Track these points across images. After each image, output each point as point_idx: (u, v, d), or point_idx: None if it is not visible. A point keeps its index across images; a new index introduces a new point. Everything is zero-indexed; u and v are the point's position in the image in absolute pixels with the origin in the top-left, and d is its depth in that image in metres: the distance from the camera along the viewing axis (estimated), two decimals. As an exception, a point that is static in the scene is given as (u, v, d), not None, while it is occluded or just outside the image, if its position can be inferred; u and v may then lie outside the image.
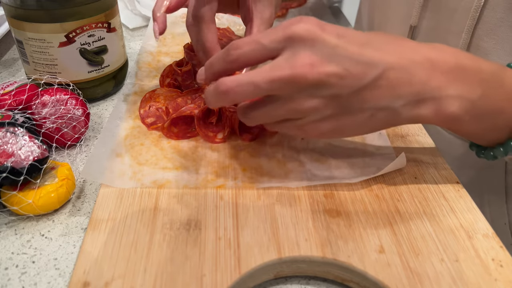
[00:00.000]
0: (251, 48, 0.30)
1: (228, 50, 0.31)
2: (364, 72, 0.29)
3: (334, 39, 0.29)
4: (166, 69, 0.47)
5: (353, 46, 0.29)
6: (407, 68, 0.30)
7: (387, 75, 0.30)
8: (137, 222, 0.33)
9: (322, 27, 0.30)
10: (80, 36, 0.45)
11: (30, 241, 0.33)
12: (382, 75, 0.29)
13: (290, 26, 0.30)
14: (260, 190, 0.36)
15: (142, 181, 0.36)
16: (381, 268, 0.30)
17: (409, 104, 0.31)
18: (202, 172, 0.38)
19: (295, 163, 0.39)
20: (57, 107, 0.40)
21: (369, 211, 0.35)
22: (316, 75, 0.29)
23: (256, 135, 0.42)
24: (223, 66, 0.32)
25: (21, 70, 0.57)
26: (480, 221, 0.34)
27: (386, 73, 0.30)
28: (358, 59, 0.29)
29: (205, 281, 0.29)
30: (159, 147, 0.41)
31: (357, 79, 0.29)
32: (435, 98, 0.31)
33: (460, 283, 0.29)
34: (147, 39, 0.60)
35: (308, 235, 0.32)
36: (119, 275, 0.29)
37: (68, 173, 0.36)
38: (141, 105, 0.45)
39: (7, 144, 0.34)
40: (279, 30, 0.30)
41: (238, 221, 0.33)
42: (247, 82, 0.30)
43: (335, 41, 0.29)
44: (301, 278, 0.32)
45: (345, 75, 0.29)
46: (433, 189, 0.37)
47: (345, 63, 0.29)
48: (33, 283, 0.30)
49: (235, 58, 0.31)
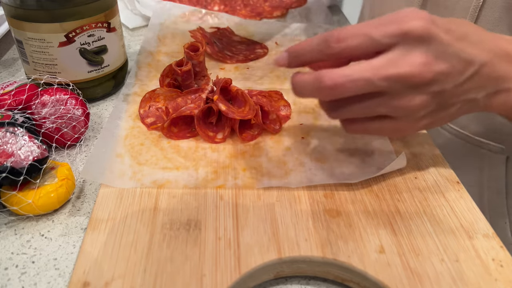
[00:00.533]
0: (358, 42, 0.29)
1: (327, 42, 0.30)
2: (465, 68, 0.30)
3: (445, 35, 0.29)
4: (166, 69, 0.47)
5: (458, 42, 0.30)
6: (493, 62, 0.31)
7: (480, 71, 0.31)
8: (137, 222, 0.33)
9: (435, 23, 0.29)
10: (80, 36, 0.45)
11: (30, 241, 0.33)
12: (477, 71, 0.31)
13: (405, 21, 0.29)
14: (260, 190, 0.36)
15: (142, 181, 0.36)
16: (381, 268, 0.30)
17: (488, 94, 0.32)
18: (202, 172, 0.38)
19: (295, 162, 0.39)
20: (57, 107, 0.40)
21: (369, 211, 0.35)
22: (431, 74, 0.29)
23: (256, 135, 0.42)
24: (318, 57, 0.31)
25: (20, 70, 0.57)
26: (480, 221, 0.34)
27: (480, 69, 0.31)
28: (461, 56, 0.30)
29: (205, 281, 0.29)
30: (159, 147, 0.40)
31: (459, 75, 0.30)
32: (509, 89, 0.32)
33: (460, 283, 0.29)
34: (147, 39, 0.60)
35: (308, 235, 0.32)
36: (119, 275, 0.29)
37: (68, 173, 0.36)
38: (141, 105, 0.45)
39: (6, 144, 0.34)
40: (391, 24, 0.29)
41: (238, 221, 0.33)
42: (359, 77, 0.29)
43: (446, 38, 0.29)
44: (301, 278, 0.32)
45: (451, 72, 0.30)
46: (433, 189, 0.37)
47: (452, 60, 0.29)
48: (33, 283, 0.30)
49: (338, 51, 0.30)
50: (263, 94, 0.47)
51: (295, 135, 0.43)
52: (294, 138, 0.42)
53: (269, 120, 0.43)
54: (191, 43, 0.46)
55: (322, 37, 0.30)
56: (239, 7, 0.75)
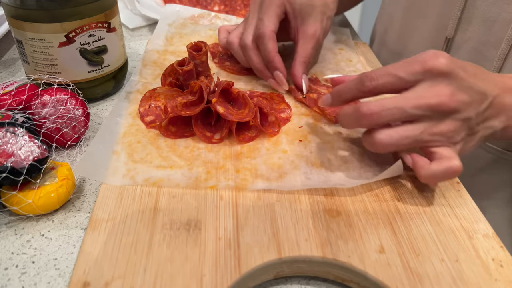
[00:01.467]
0: (387, 80, 0.35)
1: (362, 81, 0.36)
2: (481, 99, 0.35)
3: (462, 72, 0.34)
4: (168, 68, 0.47)
5: (472, 78, 0.35)
6: (502, 96, 0.36)
7: (493, 102, 0.36)
8: (137, 222, 0.33)
9: (454, 62, 0.34)
10: (80, 36, 0.45)
11: (30, 241, 0.33)
12: (492, 102, 0.36)
13: (429, 60, 0.34)
14: (260, 190, 0.36)
15: (135, 178, 0.36)
16: (381, 268, 0.30)
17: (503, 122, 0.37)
18: (194, 172, 0.38)
19: (290, 166, 0.39)
20: (57, 107, 0.40)
21: (369, 211, 0.35)
22: (455, 103, 0.34)
23: (254, 137, 0.42)
24: (355, 95, 0.37)
25: (21, 70, 0.57)
26: (480, 221, 0.34)
27: (494, 100, 0.36)
28: (476, 89, 0.35)
29: (205, 281, 0.29)
30: (155, 146, 0.40)
31: (478, 105, 0.35)
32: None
33: (460, 283, 0.29)
34: (154, 38, 0.60)
35: (308, 235, 0.32)
36: (119, 275, 0.29)
37: (68, 173, 0.36)
38: (141, 103, 0.45)
39: (7, 144, 0.34)
40: (415, 64, 0.35)
41: (238, 221, 0.33)
42: (393, 106, 0.34)
43: (462, 74, 0.34)
44: (301, 278, 0.32)
45: (470, 102, 0.34)
46: (433, 189, 0.37)
47: (470, 92, 0.34)
48: (33, 283, 0.30)
49: (371, 89, 0.36)
50: (265, 96, 0.47)
51: (293, 137, 0.43)
52: (292, 141, 0.42)
53: (268, 122, 0.43)
54: (194, 42, 0.46)
55: (358, 78, 0.36)
56: (239, 7, 0.75)
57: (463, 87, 0.34)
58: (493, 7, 0.49)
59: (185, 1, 0.74)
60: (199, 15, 0.68)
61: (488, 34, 0.51)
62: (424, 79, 0.34)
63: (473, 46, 0.52)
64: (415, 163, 0.36)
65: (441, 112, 0.34)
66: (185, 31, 0.63)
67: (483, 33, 0.51)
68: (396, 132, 0.35)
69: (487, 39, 0.51)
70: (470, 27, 0.52)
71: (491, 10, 0.50)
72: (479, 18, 0.51)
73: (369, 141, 0.36)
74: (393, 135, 0.35)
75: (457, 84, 0.34)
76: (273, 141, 0.42)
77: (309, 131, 0.44)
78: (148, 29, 0.71)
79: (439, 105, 0.34)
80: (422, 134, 0.34)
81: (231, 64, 0.56)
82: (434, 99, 0.34)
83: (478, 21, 0.51)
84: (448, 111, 0.34)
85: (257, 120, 0.41)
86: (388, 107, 0.34)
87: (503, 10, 0.48)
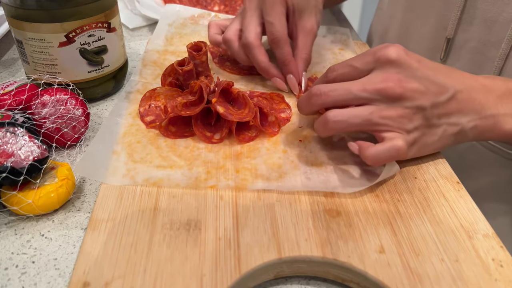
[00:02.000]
0: (345, 71, 0.38)
1: (326, 73, 0.40)
2: (440, 91, 0.36)
3: (415, 63, 0.36)
4: (168, 68, 0.47)
5: (428, 70, 0.36)
6: (470, 92, 0.37)
7: (456, 97, 0.36)
8: (137, 222, 0.33)
9: (408, 54, 0.36)
10: (80, 36, 0.45)
11: (30, 241, 0.33)
12: (453, 97, 0.36)
13: (380, 50, 0.36)
14: (260, 190, 0.36)
15: (135, 178, 0.36)
16: (381, 268, 0.30)
17: (472, 121, 0.37)
18: (194, 172, 0.38)
19: (290, 166, 0.39)
20: (57, 107, 0.40)
21: (369, 211, 0.35)
22: (402, 89, 0.35)
23: (254, 137, 0.42)
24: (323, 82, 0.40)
25: (21, 70, 0.57)
26: (480, 221, 0.34)
27: (456, 95, 0.36)
28: (434, 81, 0.36)
29: (205, 281, 0.29)
30: (155, 146, 0.40)
31: (434, 96, 0.35)
32: (493, 116, 0.37)
33: (460, 283, 0.29)
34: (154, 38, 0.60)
35: (308, 235, 0.32)
36: (119, 275, 0.29)
37: (68, 173, 0.36)
38: (141, 103, 0.45)
39: (7, 144, 0.34)
40: (368, 54, 0.37)
41: (238, 221, 0.33)
42: (341, 88, 0.37)
43: (416, 65, 0.36)
44: (301, 278, 0.32)
45: (425, 91, 0.35)
46: (433, 189, 0.37)
47: (423, 81, 0.35)
48: (33, 283, 0.30)
49: (331, 79, 0.39)
50: (265, 95, 0.47)
51: (293, 137, 0.43)
52: (292, 141, 0.42)
53: (268, 123, 0.43)
54: (194, 42, 0.46)
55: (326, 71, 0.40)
56: (239, 7, 0.75)
57: (415, 76, 0.35)
58: (493, 7, 0.49)
59: (185, 1, 0.74)
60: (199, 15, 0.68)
61: (489, 34, 0.51)
62: (375, 67, 0.37)
63: (474, 46, 0.52)
64: (360, 147, 0.37)
65: (388, 97, 0.35)
66: (185, 31, 0.63)
67: (484, 33, 0.51)
68: (346, 111, 0.36)
69: (488, 39, 0.51)
70: (470, 27, 0.52)
71: (491, 10, 0.50)
72: (479, 18, 0.51)
73: (320, 120, 0.38)
74: (344, 113, 0.36)
75: (408, 73, 0.35)
76: (273, 141, 0.42)
77: (310, 131, 0.44)
78: (148, 29, 0.71)
79: (385, 89, 0.35)
80: (371, 115, 0.35)
81: (231, 64, 0.56)
82: (381, 84, 0.35)
83: (478, 21, 0.51)
84: (395, 96, 0.35)
85: (257, 120, 0.41)
86: (336, 88, 0.37)
87: (503, 10, 0.48)
